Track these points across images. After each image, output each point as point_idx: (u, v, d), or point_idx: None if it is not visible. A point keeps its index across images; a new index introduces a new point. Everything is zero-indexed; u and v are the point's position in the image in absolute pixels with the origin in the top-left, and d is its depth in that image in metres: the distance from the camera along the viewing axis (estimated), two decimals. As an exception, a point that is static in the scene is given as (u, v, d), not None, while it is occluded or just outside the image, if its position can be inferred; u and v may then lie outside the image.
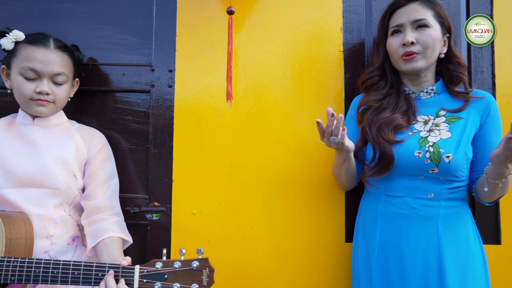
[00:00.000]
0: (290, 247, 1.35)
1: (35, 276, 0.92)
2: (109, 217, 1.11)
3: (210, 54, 1.39)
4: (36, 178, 1.07)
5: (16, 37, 1.11)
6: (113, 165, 1.22)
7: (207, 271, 0.90)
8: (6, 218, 0.99)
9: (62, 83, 1.13)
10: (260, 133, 1.38)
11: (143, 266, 0.90)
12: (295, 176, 1.37)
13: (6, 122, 1.16)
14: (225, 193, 1.36)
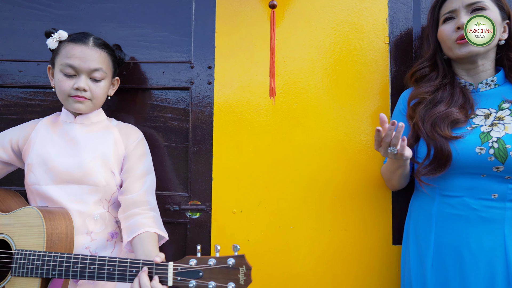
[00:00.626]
0: (333, 248, 1.30)
1: (74, 271, 0.92)
2: (145, 212, 1.11)
3: (250, 49, 1.35)
4: (76, 175, 1.09)
5: (60, 37, 1.14)
6: (149, 161, 1.22)
7: (244, 269, 0.85)
8: (47, 213, 1.00)
9: (99, 80, 1.14)
10: (302, 129, 1.33)
11: (177, 263, 0.87)
12: (339, 175, 1.31)
13: (50, 120, 1.19)
14: (266, 192, 1.32)
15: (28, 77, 1.39)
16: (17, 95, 1.42)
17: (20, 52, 1.42)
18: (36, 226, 0.97)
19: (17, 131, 1.16)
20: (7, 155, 1.15)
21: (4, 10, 1.44)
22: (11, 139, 1.15)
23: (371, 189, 1.31)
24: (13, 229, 1.00)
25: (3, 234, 1.01)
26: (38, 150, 1.11)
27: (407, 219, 1.19)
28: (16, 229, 1.00)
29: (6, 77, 1.40)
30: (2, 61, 1.40)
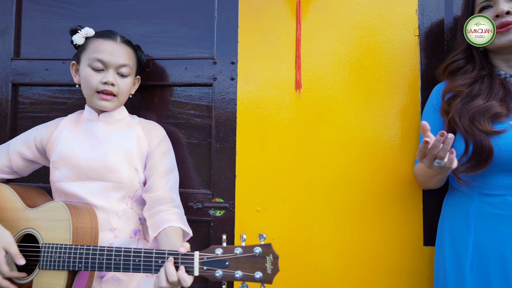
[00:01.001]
0: (360, 248, 1.26)
1: (100, 263, 0.92)
2: (169, 208, 1.10)
3: (273, 44, 1.33)
4: (100, 171, 1.09)
5: (87, 33, 1.16)
6: (172, 158, 1.21)
7: (270, 257, 0.82)
8: (73, 208, 1.00)
9: (126, 75, 1.15)
10: (327, 126, 1.29)
11: (203, 253, 0.85)
12: (366, 172, 1.27)
13: (73, 118, 1.20)
14: (291, 190, 1.29)
15: (54, 75, 1.41)
16: (43, 93, 1.44)
17: (46, 50, 1.44)
18: (62, 220, 0.98)
19: (41, 130, 1.18)
20: (32, 153, 1.16)
21: (30, 10, 1.46)
22: (35, 137, 1.16)
23: (400, 187, 1.26)
24: (40, 224, 1.01)
25: (30, 229, 1.02)
26: (62, 148, 1.11)
27: (441, 218, 1.13)
28: (43, 224, 1.00)
29: (33, 76, 1.42)
30: (30, 60, 1.42)
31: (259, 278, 0.81)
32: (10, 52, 1.43)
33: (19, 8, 1.45)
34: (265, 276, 0.81)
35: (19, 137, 1.18)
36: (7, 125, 1.41)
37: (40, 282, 0.96)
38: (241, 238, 0.84)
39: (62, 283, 0.94)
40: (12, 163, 1.15)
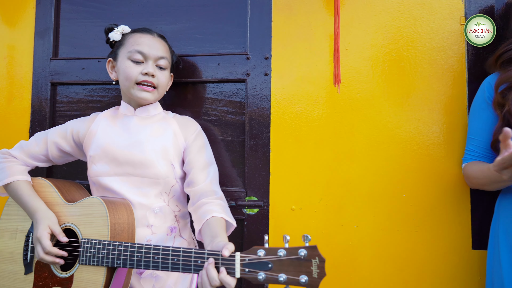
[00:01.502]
0: (403, 250, 1.19)
1: (138, 260, 0.91)
2: (212, 200, 1.08)
3: (308, 38, 1.29)
4: (137, 166, 1.09)
5: (123, 30, 1.17)
6: (210, 152, 1.19)
7: (317, 260, 0.77)
8: (110, 203, 1.00)
9: (164, 68, 1.15)
10: (365, 121, 1.24)
11: (244, 254, 0.81)
12: (408, 170, 1.20)
13: (110, 113, 1.20)
14: (327, 188, 1.24)
15: (90, 74, 1.43)
16: (80, 91, 1.46)
17: (82, 50, 1.46)
18: (100, 215, 0.98)
19: (78, 123, 1.19)
20: (69, 145, 1.17)
21: (68, 11, 1.49)
22: (73, 130, 1.17)
23: (445, 186, 1.18)
24: (79, 219, 1.02)
25: (70, 224, 1.03)
26: (99, 142, 1.12)
27: (494, 220, 1.05)
28: (82, 219, 1.01)
29: (70, 75, 1.45)
30: (67, 60, 1.45)
31: (305, 282, 0.76)
32: (49, 52, 1.47)
33: (58, 10, 1.49)
34: (311, 281, 0.76)
35: (57, 128, 1.20)
36: (46, 123, 1.45)
37: (81, 277, 0.97)
38: (284, 239, 0.80)
39: (101, 279, 0.94)
40: (49, 152, 1.17)
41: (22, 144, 1.19)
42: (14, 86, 1.49)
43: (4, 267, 1.09)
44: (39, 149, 1.17)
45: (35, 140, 1.18)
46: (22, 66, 1.49)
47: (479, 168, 1.03)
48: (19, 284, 1.05)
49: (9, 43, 1.51)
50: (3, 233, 1.13)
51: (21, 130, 1.47)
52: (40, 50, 1.48)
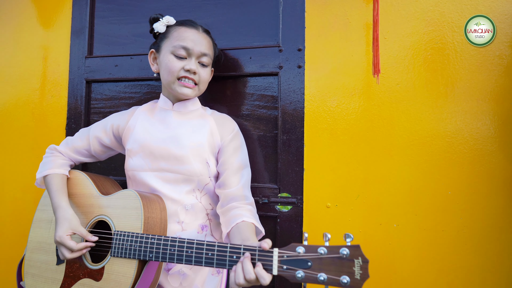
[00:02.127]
0: (448, 252, 1.11)
1: (171, 254, 0.89)
2: (243, 205, 1.06)
3: (343, 27, 1.23)
4: (172, 162, 1.07)
5: (168, 21, 1.14)
6: (245, 154, 1.16)
7: (359, 261, 0.72)
8: (144, 198, 1.00)
9: (206, 65, 1.13)
10: (406, 114, 1.16)
11: (283, 250, 0.77)
12: (454, 165, 1.12)
13: (148, 107, 1.20)
14: (365, 184, 1.18)
15: (123, 71, 1.44)
16: (113, 88, 1.48)
17: (115, 47, 1.48)
18: (134, 208, 0.97)
19: (118, 117, 1.20)
20: (109, 139, 1.19)
21: (102, 9, 1.51)
22: (113, 124, 1.18)
23: (497, 182, 1.09)
24: (113, 211, 1.02)
25: (103, 216, 1.03)
26: (136, 136, 1.12)
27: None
28: (116, 211, 1.01)
29: (103, 72, 1.47)
30: (102, 57, 1.47)
31: (346, 283, 0.71)
32: (85, 51, 1.50)
33: (92, 9, 1.51)
34: (353, 282, 0.71)
35: (99, 123, 1.21)
36: (82, 120, 1.48)
37: (112, 269, 0.96)
38: (325, 237, 0.75)
39: (132, 272, 0.93)
40: (91, 147, 1.19)
41: (68, 140, 1.22)
42: (52, 84, 1.53)
43: (36, 257, 1.11)
44: (83, 144, 1.19)
45: (79, 136, 1.21)
46: (59, 65, 1.53)
47: None
48: (50, 274, 1.07)
49: (46, 44, 1.56)
50: (38, 223, 1.15)
51: (58, 128, 1.51)
52: (76, 48, 1.51)
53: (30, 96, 1.56)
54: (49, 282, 1.06)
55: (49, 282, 1.06)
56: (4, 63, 1.60)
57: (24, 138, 1.55)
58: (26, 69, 1.57)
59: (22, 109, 1.57)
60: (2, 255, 1.54)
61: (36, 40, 1.57)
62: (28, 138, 1.55)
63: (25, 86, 1.56)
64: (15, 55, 1.59)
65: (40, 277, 1.08)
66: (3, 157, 1.57)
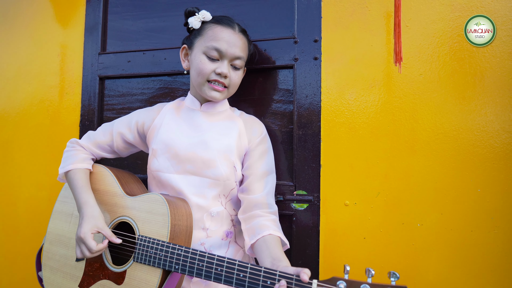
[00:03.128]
0: (478, 254, 1.03)
1: (198, 269, 0.85)
2: (266, 214, 1.01)
3: (362, 16, 1.17)
4: (198, 165, 1.03)
5: (204, 17, 1.09)
6: (271, 159, 1.12)
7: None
8: (171, 204, 0.95)
9: (239, 68, 1.08)
10: (430, 106, 1.09)
11: (322, 283, 0.72)
12: (484, 160, 1.04)
13: (175, 105, 1.16)
14: (385, 181, 1.11)
15: (136, 66, 1.42)
16: (126, 84, 1.47)
17: (128, 43, 1.47)
18: (161, 214, 0.93)
19: (143, 114, 1.15)
20: (133, 136, 1.14)
21: (114, 5, 1.50)
22: (137, 121, 1.13)
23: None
24: (138, 214, 0.98)
25: (127, 217, 1.00)
26: (162, 136, 1.08)
27: None
28: (140, 214, 0.97)
29: (116, 69, 1.45)
30: (115, 53, 1.46)
31: None
32: (98, 47, 1.49)
33: (106, 5, 1.50)
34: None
35: (123, 118, 1.17)
36: (95, 117, 1.47)
37: (134, 274, 0.93)
38: (368, 273, 0.70)
39: (156, 281, 0.89)
40: (114, 143, 1.14)
41: (90, 134, 1.18)
42: (66, 82, 1.53)
43: (55, 250, 1.09)
44: (105, 139, 1.15)
45: (102, 130, 1.17)
46: (74, 62, 1.53)
47: None
48: (69, 269, 1.04)
49: (62, 42, 1.56)
50: (58, 215, 1.13)
51: (72, 125, 1.51)
52: (90, 45, 1.50)
53: (45, 94, 1.56)
54: (67, 278, 1.04)
55: (67, 278, 1.04)
56: (22, 62, 1.61)
57: (39, 136, 1.56)
58: (43, 68, 1.58)
59: (37, 107, 1.57)
60: (18, 251, 1.55)
61: (53, 39, 1.57)
62: (43, 135, 1.55)
63: (42, 84, 1.57)
64: (33, 54, 1.60)
65: (58, 271, 1.06)
66: (20, 155, 1.58)
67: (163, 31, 1.43)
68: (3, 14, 1.66)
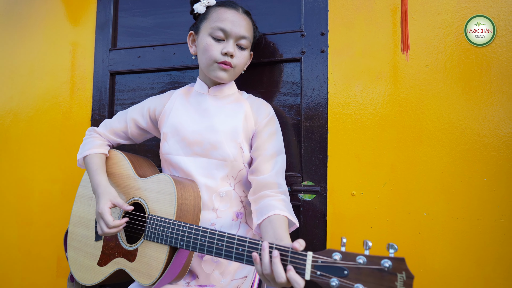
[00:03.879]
0: (484, 243, 1.04)
1: (201, 245, 0.88)
2: (275, 194, 1.03)
3: (368, 8, 1.18)
4: (206, 147, 1.07)
5: (209, 2, 1.13)
6: (280, 140, 1.13)
7: (403, 276, 0.65)
8: (178, 183, 0.99)
9: (245, 48, 1.11)
10: (437, 96, 1.11)
11: (317, 255, 0.72)
12: (490, 149, 1.05)
13: (185, 91, 1.20)
14: (392, 171, 1.13)
15: (145, 62, 1.46)
16: (135, 79, 1.50)
17: (138, 38, 1.50)
18: (168, 193, 0.97)
19: (155, 101, 1.20)
20: (146, 122, 1.19)
21: (124, 2, 1.54)
22: (149, 107, 1.18)
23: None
24: (148, 194, 1.02)
25: (139, 198, 1.04)
26: (172, 120, 1.12)
27: None
28: (150, 194, 1.01)
29: (126, 64, 1.48)
30: (126, 49, 1.49)
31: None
32: (109, 43, 1.52)
33: (116, 2, 1.54)
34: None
35: (136, 106, 1.22)
36: (106, 111, 1.50)
37: (144, 251, 0.97)
38: (365, 245, 0.69)
39: (163, 257, 0.92)
40: (128, 129, 1.20)
41: (106, 122, 1.24)
42: (78, 78, 1.57)
43: (78, 231, 1.16)
44: (120, 126, 1.21)
45: (117, 118, 1.23)
46: (85, 59, 1.56)
47: None
48: (89, 249, 1.10)
49: (73, 39, 1.60)
50: (80, 198, 1.19)
51: (83, 120, 1.54)
52: (101, 42, 1.54)
53: (58, 90, 1.60)
54: (88, 256, 1.10)
55: (88, 256, 1.10)
56: (36, 59, 1.65)
57: (52, 131, 1.60)
58: (55, 64, 1.62)
59: (50, 102, 1.61)
60: (32, 241, 1.59)
61: (64, 36, 1.61)
62: (55, 130, 1.59)
63: (54, 80, 1.61)
64: (45, 51, 1.64)
65: (80, 250, 1.13)
66: (33, 150, 1.62)
67: (172, 26, 1.46)
68: (17, 13, 1.71)
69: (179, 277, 0.97)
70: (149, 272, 0.94)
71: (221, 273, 1.03)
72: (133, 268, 0.98)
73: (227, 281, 1.03)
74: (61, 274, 1.55)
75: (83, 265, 1.11)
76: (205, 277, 1.03)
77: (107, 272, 1.04)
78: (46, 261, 1.56)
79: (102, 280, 1.05)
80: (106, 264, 1.05)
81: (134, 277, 0.97)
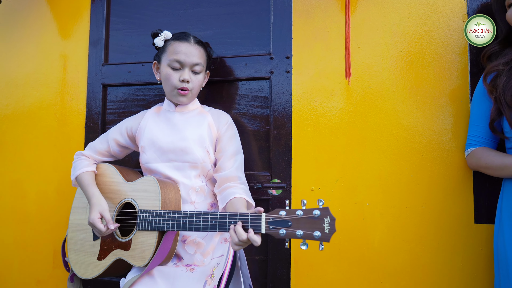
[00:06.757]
0: (410, 225, 1.33)
1: (183, 224, 1.12)
2: (236, 184, 1.27)
3: (324, 38, 1.45)
4: (178, 153, 1.30)
5: (166, 36, 1.36)
6: (238, 142, 1.39)
7: (328, 219, 0.94)
8: (161, 182, 1.22)
9: (199, 72, 1.34)
10: (376, 111, 1.39)
11: (269, 214, 0.99)
12: (416, 153, 1.35)
13: (156, 110, 1.43)
14: (342, 170, 1.41)
15: (135, 76, 1.66)
16: (126, 92, 1.70)
17: (128, 55, 1.70)
18: (154, 190, 1.19)
19: (131, 121, 1.42)
20: (124, 140, 1.41)
21: (116, 22, 1.73)
22: (127, 127, 1.41)
23: (449, 166, 1.32)
24: (136, 194, 1.24)
25: (129, 198, 1.25)
26: (147, 135, 1.34)
27: (500, 196, 1.16)
28: (139, 194, 1.23)
29: (118, 78, 1.68)
30: (116, 64, 1.69)
31: (318, 236, 0.94)
32: (101, 59, 1.71)
33: (108, 22, 1.73)
34: (323, 235, 0.94)
35: (115, 127, 1.44)
36: (99, 120, 1.69)
37: (137, 240, 1.19)
38: (302, 203, 0.98)
39: (154, 241, 1.15)
40: (110, 148, 1.41)
41: (91, 145, 1.45)
42: (72, 88, 1.74)
43: (77, 236, 1.35)
44: (103, 146, 1.42)
45: (99, 140, 1.44)
46: (79, 72, 1.74)
47: (498, 159, 1.11)
48: (89, 248, 1.30)
49: (65, 53, 1.76)
50: (76, 208, 1.39)
51: (77, 127, 1.72)
52: (94, 57, 1.73)
53: (53, 99, 1.76)
54: (88, 255, 1.30)
55: (88, 255, 1.30)
56: (30, 71, 1.81)
57: (47, 137, 1.76)
58: (49, 76, 1.78)
59: (45, 110, 1.77)
60: (28, 239, 1.75)
61: (56, 50, 1.77)
62: (51, 136, 1.75)
63: (49, 90, 1.77)
64: (39, 63, 1.80)
65: (80, 251, 1.32)
66: (29, 154, 1.78)
67: (159, 46, 1.67)
68: (13, 25, 1.85)
69: (168, 259, 1.20)
70: (143, 255, 1.16)
71: (202, 254, 1.27)
72: (129, 255, 1.19)
73: (207, 260, 1.27)
74: (57, 265, 1.71)
75: (84, 263, 1.29)
76: (189, 258, 1.25)
77: (106, 264, 1.24)
78: (43, 254, 1.72)
79: (102, 271, 1.25)
80: (105, 257, 1.25)
81: (130, 262, 1.19)
